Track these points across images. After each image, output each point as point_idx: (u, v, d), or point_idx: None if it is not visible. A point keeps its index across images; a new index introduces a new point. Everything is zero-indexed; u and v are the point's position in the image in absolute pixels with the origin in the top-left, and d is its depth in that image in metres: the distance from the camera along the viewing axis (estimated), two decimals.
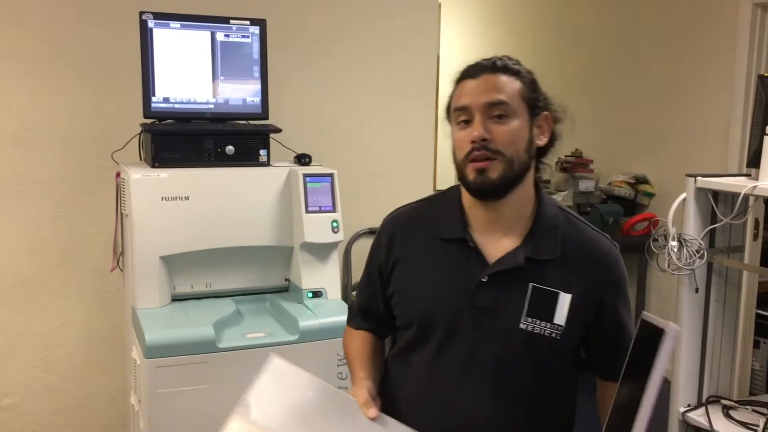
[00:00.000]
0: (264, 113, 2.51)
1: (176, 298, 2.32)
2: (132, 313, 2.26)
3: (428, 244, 1.42)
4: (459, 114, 1.35)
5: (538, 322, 1.33)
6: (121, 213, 2.43)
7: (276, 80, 2.60)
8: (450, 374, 1.37)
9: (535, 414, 1.37)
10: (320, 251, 2.38)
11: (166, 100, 2.39)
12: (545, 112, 1.39)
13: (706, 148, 3.75)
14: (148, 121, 2.41)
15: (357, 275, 3.19)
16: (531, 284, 1.33)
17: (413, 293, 1.42)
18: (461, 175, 1.36)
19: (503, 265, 1.34)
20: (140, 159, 2.53)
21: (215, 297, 2.38)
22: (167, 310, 2.25)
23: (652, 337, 1.19)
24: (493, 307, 1.34)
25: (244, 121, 2.51)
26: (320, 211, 2.36)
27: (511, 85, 1.34)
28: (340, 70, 3.14)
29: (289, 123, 2.60)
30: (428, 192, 3.43)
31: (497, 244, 1.37)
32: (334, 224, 2.37)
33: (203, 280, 2.36)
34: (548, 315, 1.33)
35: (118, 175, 2.46)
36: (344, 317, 2.30)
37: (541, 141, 1.38)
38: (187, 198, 2.26)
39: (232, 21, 2.44)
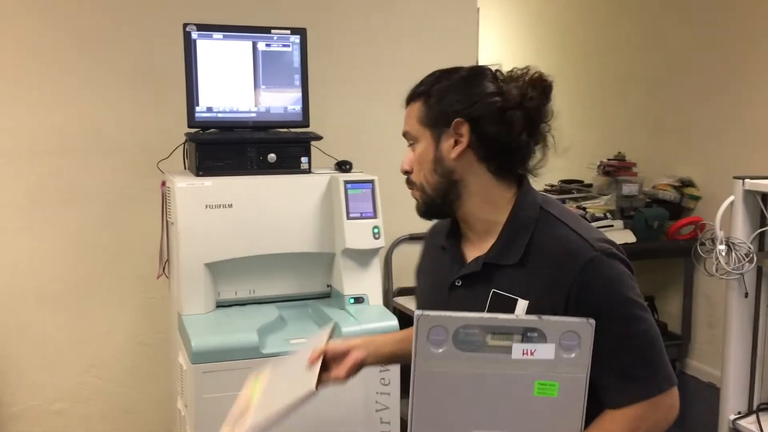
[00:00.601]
0: (305, 121, 2.53)
1: (220, 305, 2.35)
2: (178, 319, 2.30)
3: (434, 252, 1.48)
4: None
5: None
6: (167, 221, 2.48)
7: (316, 88, 2.63)
8: None
9: None
10: (362, 257, 2.39)
11: (209, 109, 2.43)
12: (456, 119, 1.29)
13: (754, 150, 3.67)
14: (192, 130, 2.45)
15: (398, 281, 3.19)
16: (492, 290, 1.30)
17: (419, 300, 1.52)
18: None
19: (466, 270, 1.35)
20: (185, 168, 2.57)
21: (258, 303, 2.40)
22: (212, 317, 2.28)
23: None
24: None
25: (286, 129, 2.54)
26: (361, 218, 2.37)
27: (414, 111, 1.38)
28: (380, 76, 3.16)
29: (329, 130, 2.62)
30: None
31: (476, 251, 1.37)
32: (375, 230, 2.38)
33: (247, 286, 2.39)
34: None
35: (163, 183, 2.50)
36: (385, 323, 2.31)
37: (454, 152, 1.30)
38: (230, 206, 2.29)
39: (273, 31, 2.47)
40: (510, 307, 1.26)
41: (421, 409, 1.20)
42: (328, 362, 1.44)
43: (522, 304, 1.26)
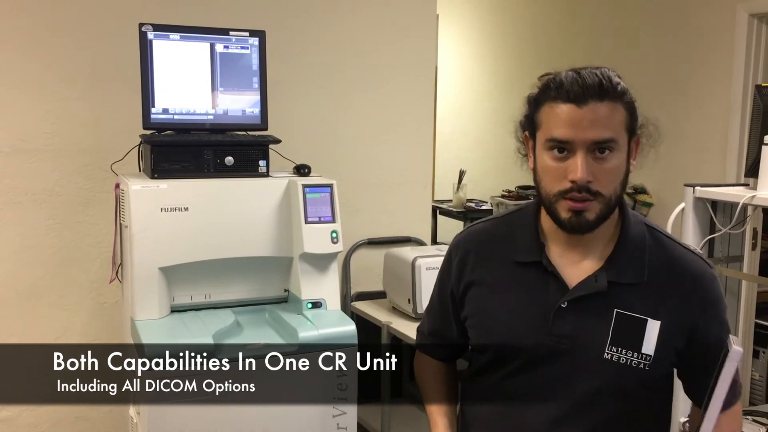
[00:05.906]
0: (263, 124, 2.51)
1: (175, 309, 2.31)
2: (131, 324, 2.25)
3: (503, 266, 1.34)
4: (555, 144, 1.23)
5: (624, 351, 1.24)
6: (120, 224, 2.43)
7: (275, 91, 2.61)
8: (526, 403, 1.30)
9: None
10: (319, 262, 2.38)
11: (165, 111, 2.40)
12: (637, 136, 1.29)
13: (704, 158, 3.76)
14: (148, 132, 2.41)
15: (356, 286, 3.18)
16: (615, 310, 1.24)
17: (489, 318, 1.35)
18: (551, 207, 1.25)
19: (584, 290, 1.26)
20: (139, 170, 2.53)
21: (214, 308, 2.37)
22: (166, 322, 2.24)
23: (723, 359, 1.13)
24: (574, 335, 1.26)
25: (244, 132, 2.51)
26: (319, 222, 2.36)
27: (617, 115, 1.22)
28: (340, 81, 3.15)
29: (288, 134, 2.60)
30: (426, 202, 3.43)
31: (577, 267, 1.28)
32: (334, 235, 2.36)
33: (202, 291, 2.35)
34: (635, 344, 1.24)
35: (117, 186, 2.45)
36: (344, 328, 2.28)
37: (633, 167, 1.29)
38: (186, 209, 2.25)
39: (231, 32, 2.45)
40: (638, 329, 1.24)
41: None
42: None
43: (654, 325, 1.24)
